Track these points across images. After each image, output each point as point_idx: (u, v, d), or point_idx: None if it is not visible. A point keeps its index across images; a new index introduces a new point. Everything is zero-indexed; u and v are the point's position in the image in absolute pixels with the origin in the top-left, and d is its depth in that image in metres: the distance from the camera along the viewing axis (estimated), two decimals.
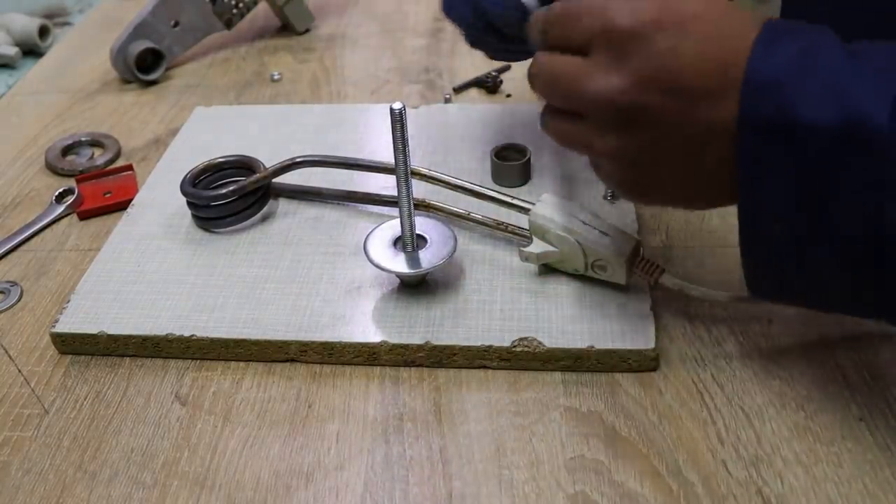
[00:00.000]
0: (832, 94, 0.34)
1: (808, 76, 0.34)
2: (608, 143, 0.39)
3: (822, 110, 0.33)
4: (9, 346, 0.51)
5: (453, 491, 0.40)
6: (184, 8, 0.81)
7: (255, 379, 0.47)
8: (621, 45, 0.38)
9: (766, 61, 0.35)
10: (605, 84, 0.38)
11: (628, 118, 0.38)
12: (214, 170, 0.58)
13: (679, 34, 0.37)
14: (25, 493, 0.41)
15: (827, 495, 0.39)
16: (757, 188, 0.36)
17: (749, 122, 0.35)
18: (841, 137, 0.33)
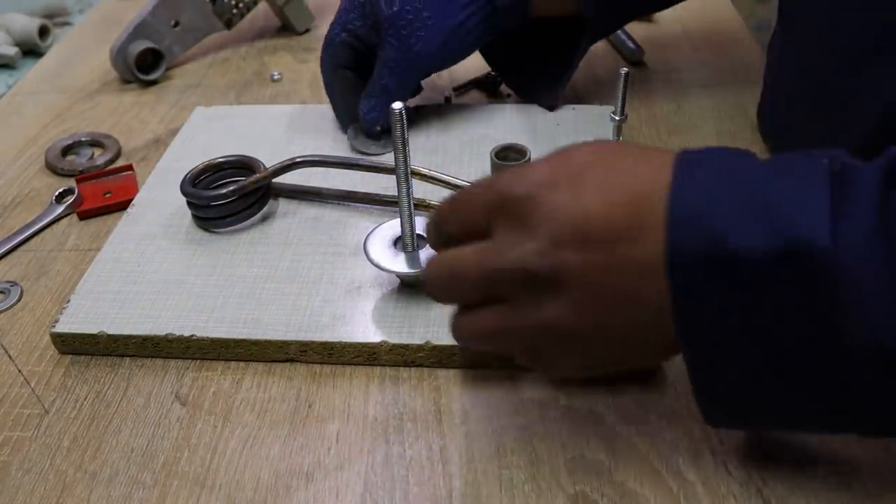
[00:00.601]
0: (764, 218, 0.31)
1: (736, 201, 0.32)
2: (540, 317, 0.36)
3: (756, 236, 0.31)
4: (9, 346, 0.51)
5: (453, 491, 0.40)
6: (184, 8, 0.81)
7: (255, 379, 0.47)
8: (522, 213, 0.36)
9: (686, 194, 0.33)
10: (517, 254, 0.36)
11: (551, 282, 0.35)
12: (214, 170, 0.58)
13: (577, 186, 0.35)
14: (25, 493, 0.42)
15: (827, 495, 0.39)
16: (700, 327, 0.33)
17: (679, 258, 0.33)
18: (781, 263, 0.31)
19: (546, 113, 0.67)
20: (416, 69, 0.62)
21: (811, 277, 0.31)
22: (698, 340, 0.34)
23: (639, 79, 0.74)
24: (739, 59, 0.77)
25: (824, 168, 0.32)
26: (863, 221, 0.30)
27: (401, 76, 0.62)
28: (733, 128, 0.65)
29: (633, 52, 0.76)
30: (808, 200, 0.31)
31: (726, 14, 0.85)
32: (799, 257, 0.31)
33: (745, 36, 0.81)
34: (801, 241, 0.30)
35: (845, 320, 0.31)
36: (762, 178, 0.33)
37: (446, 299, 0.41)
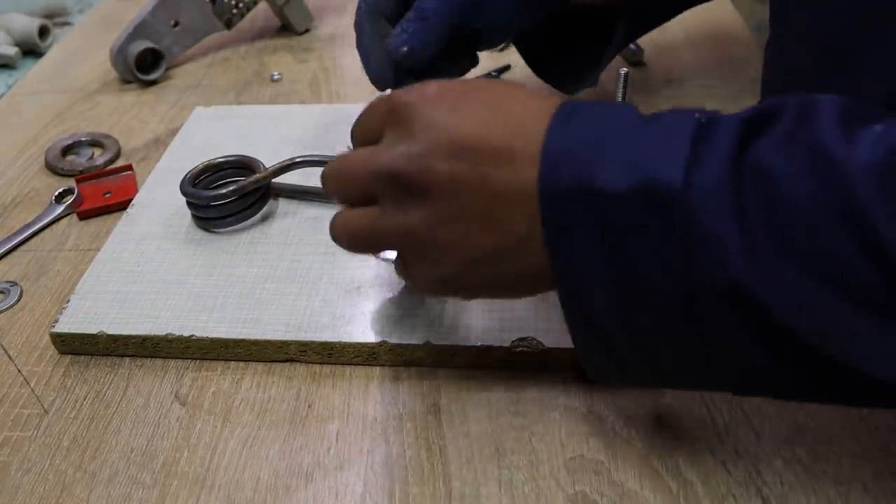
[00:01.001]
0: (626, 159, 0.33)
1: (604, 144, 0.34)
2: (402, 221, 0.38)
3: (617, 175, 0.33)
4: (8, 346, 0.51)
5: (453, 491, 0.40)
6: (184, 8, 0.81)
7: (254, 379, 0.47)
8: (405, 119, 0.38)
9: (563, 132, 0.35)
10: (392, 155, 0.37)
11: (417, 187, 0.36)
12: (214, 170, 0.58)
13: (461, 105, 0.37)
14: (25, 493, 0.41)
15: (827, 495, 0.39)
16: (567, 259, 0.35)
17: (549, 190, 0.34)
18: (638, 200, 0.33)
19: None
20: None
21: (665, 218, 0.32)
22: (568, 275, 0.35)
23: (639, 79, 0.74)
24: (739, 59, 0.77)
25: (693, 120, 0.34)
26: (716, 168, 0.32)
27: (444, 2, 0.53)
28: None
29: (633, 52, 0.76)
30: (669, 146, 0.33)
31: (726, 14, 0.85)
32: (655, 198, 0.32)
33: (745, 36, 0.81)
34: (656, 183, 0.32)
35: (696, 261, 0.32)
36: (635, 127, 0.35)
37: (338, 198, 0.43)
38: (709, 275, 0.32)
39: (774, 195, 0.31)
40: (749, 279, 0.31)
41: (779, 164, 0.31)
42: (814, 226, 0.30)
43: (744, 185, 0.31)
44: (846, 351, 0.32)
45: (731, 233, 0.31)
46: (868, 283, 0.30)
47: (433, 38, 0.53)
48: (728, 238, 0.31)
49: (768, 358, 0.33)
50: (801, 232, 0.30)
